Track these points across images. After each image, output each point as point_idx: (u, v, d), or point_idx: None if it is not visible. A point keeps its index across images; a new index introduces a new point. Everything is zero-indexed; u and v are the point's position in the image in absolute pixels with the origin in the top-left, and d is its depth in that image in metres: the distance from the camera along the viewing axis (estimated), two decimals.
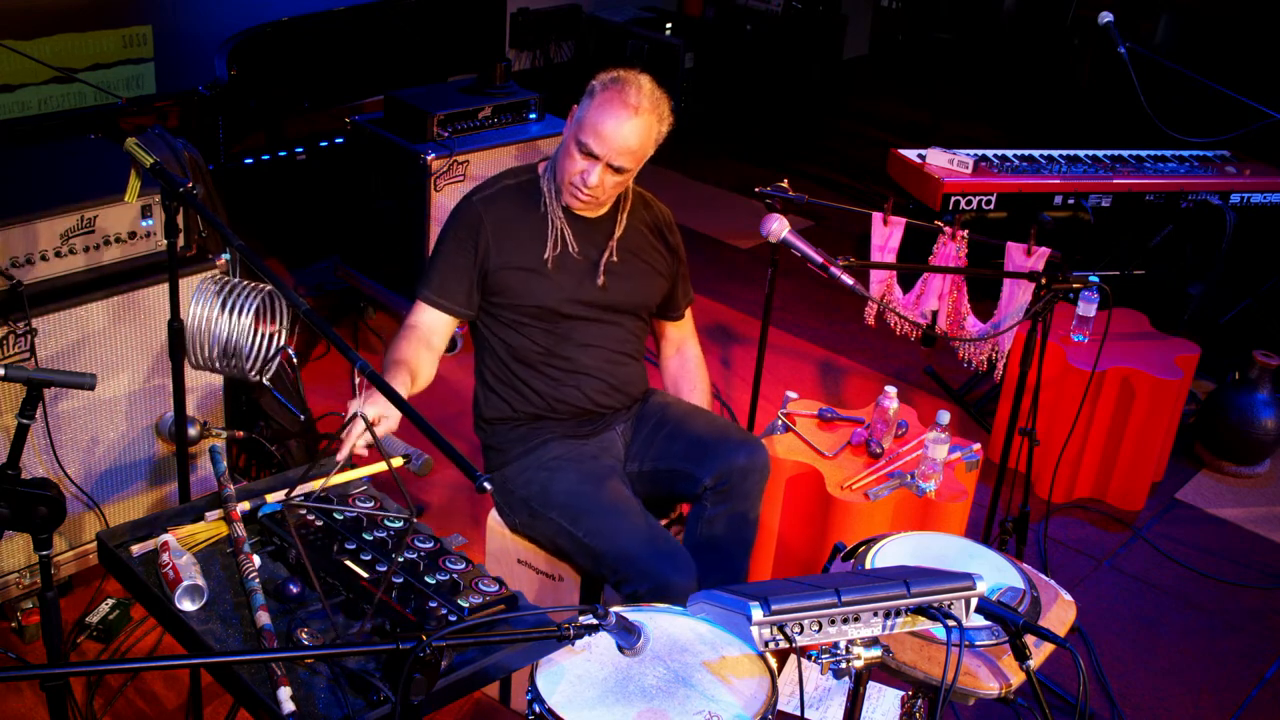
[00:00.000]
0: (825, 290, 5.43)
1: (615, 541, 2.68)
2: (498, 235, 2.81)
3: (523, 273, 2.81)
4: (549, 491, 2.79)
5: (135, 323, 3.12)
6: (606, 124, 2.69)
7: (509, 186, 2.87)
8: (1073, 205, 4.69)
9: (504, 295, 2.83)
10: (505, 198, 2.85)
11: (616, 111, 2.69)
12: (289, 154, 4.97)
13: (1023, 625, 2.09)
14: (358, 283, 4.84)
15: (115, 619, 3.23)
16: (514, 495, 2.86)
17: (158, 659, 1.89)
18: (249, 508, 2.42)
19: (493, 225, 2.81)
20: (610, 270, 2.87)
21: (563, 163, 2.78)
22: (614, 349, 2.91)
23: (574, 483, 2.79)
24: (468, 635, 1.91)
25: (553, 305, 2.82)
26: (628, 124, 2.69)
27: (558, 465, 2.82)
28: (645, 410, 3.00)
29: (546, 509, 2.79)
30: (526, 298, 2.82)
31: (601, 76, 2.77)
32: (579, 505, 2.75)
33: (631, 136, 2.70)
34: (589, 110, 2.72)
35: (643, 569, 2.61)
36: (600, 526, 2.71)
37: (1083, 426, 4.08)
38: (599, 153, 2.70)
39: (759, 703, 2.09)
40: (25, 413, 2.27)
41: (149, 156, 2.58)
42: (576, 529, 2.73)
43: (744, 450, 2.82)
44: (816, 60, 7.33)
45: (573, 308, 2.84)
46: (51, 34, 4.32)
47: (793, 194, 3.41)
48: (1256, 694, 3.46)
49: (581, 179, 2.74)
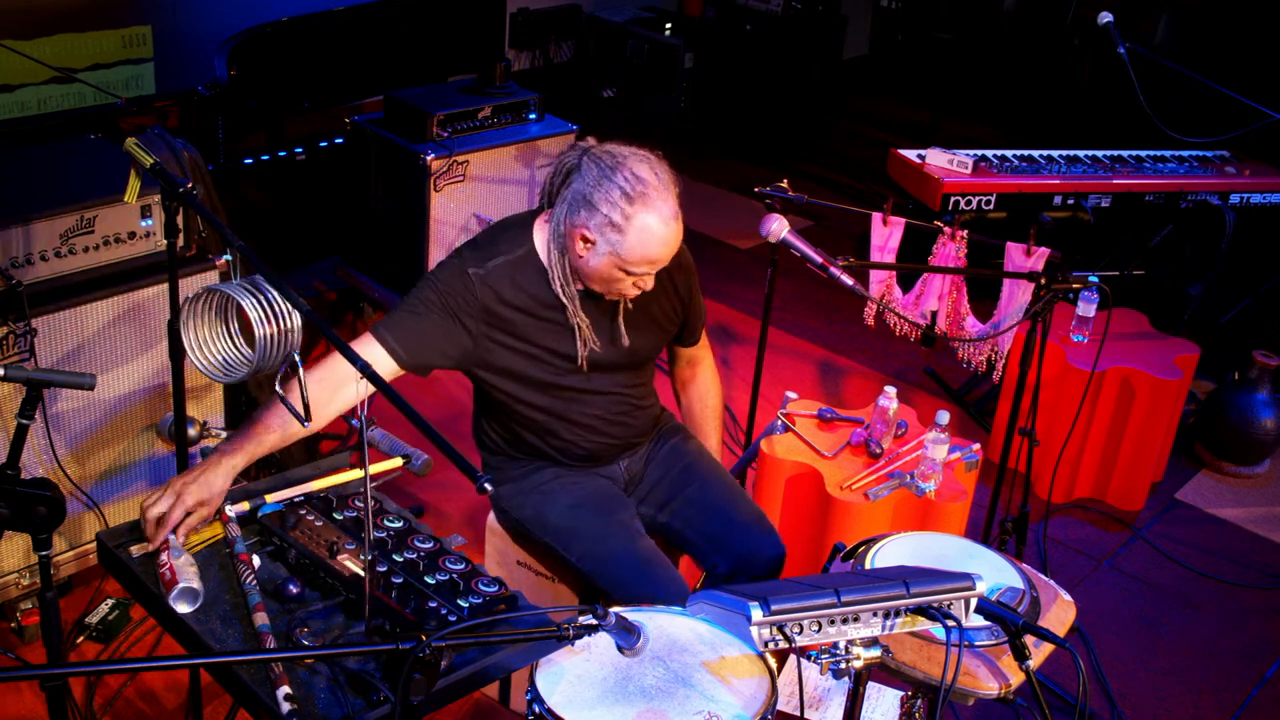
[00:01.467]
0: (825, 290, 5.42)
1: (607, 567, 2.65)
2: (492, 320, 2.58)
3: (520, 356, 2.62)
4: (543, 516, 2.75)
5: (135, 323, 3.12)
6: (656, 249, 2.47)
7: (508, 263, 2.58)
8: (1072, 205, 4.69)
9: (498, 373, 2.65)
10: (504, 275, 2.58)
11: (659, 232, 2.45)
12: (289, 154, 4.96)
13: (1022, 625, 2.09)
14: (358, 283, 4.84)
15: (115, 619, 3.23)
16: (509, 515, 2.83)
17: (157, 659, 1.90)
18: (248, 508, 2.42)
19: (487, 309, 2.57)
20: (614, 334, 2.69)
21: (596, 279, 2.53)
22: (621, 401, 2.76)
23: (567, 507, 2.73)
24: (468, 635, 1.91)
25: (541, 379, 2.65)
26: (675, 234, 2.49)
27: (551, 490, 2.76)
28: (664, 451, 2.88)
29: (541, 533, 2.76)
30: (511, 374, 2.64)
31: (608, 190, 2.44)
32: (571, 531, 2.71)
33: (679, 239, 2.52)
34: (628, 242, 2.45)
35: (635, 595, 2.57)
36: (592, 552, 2.67)
37: (1082, 426, 4.08)
38: (653, 269, 2.52)
39: (759, 703, 2.09)
40: (25, 413, 2.27)
41: (149, 156, 2.58)
42: (569, 554, 2.71)
43: (767, 546, 2.72)
44: (816, 60, 7.33)
45: (562, 379, 2.67)
46: (51, 34, 4.32)
47: (792, 194, 3.41)
48: (1256, 694, 3.46)
49: (636, 285, 2.54)
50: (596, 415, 2.73)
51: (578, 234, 2.50)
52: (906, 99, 8.16)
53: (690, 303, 2.86)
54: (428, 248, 4.48)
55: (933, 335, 4.15)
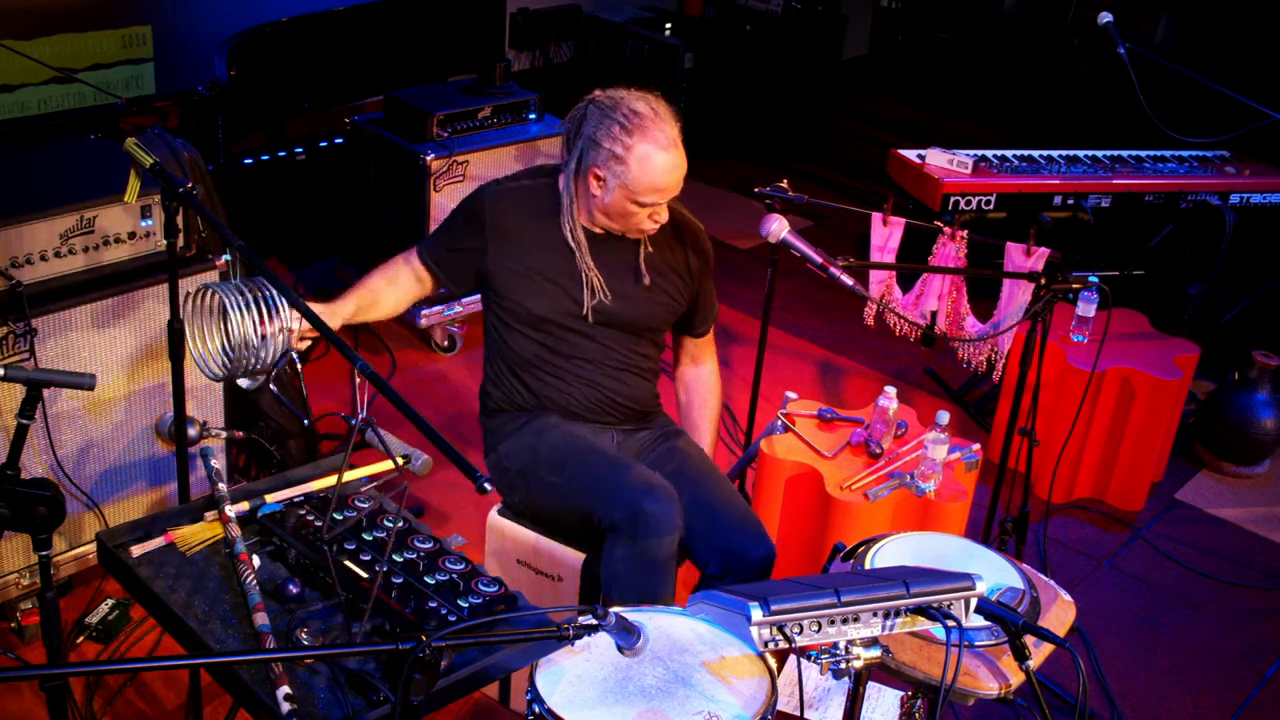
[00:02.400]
0: (825, 290, 5.42)
1: (596, 475, 2.73)
2: (495, 234, 2.79)
3: (515, 276, 2.79)
4: (537, 450, 2.82)
5: (135, 323, 3.12)
6: (660, 177, 2.65)
7: (523, 187, 2.84)
8: (1072, 205, 4.69)
9: (499, 294, 2.82)
10: (517, 197, 2.82)
11: (661, 160, 2.64)
12: (289, 154, 4.97)
13: (1022, 625, 2.09)
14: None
15: (115, 619, 3.23)
16: (509, 472, 2.88)
17: (157, 659, 1.90)
18: (248, 508, 2.42)
19: (493, 223, 2.79)
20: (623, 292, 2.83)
21: (615, 215, 2.73)
22: (621, 361, 2.88)
23: (561, 438, 2.82)
24: (468, 635, 1.91)
25: (542, 314, 2.80)
26: (676, 163, 2.66)
27: (544, 429, 2.85)
28: (660, 450, 2.94)
29: (536, 468, 2.81)
30: (516, 301, 2.80)
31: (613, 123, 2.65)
32: (564, 454, 2.79)
33: (681, 169, 2.68)
34: (631, 172, 2.64)
35: (620, 496, 2.65)
36: (583, 465, 2.76)
37: (1082, 426, 4.08)
38: (661, 198, 2.69)
39: (758, 703, 2.09)
40: (25, 413, 2.27)
41: (149, 156, 2.58)
42: (561, 477, 2.77)
43: (757, 546, 2.76)
44: (816, 60, 7.33)
45: (566, 320, 2.81)
46: (51, 34, 4.32)
47: (792, 194, 3.41)
48: (1256, 694, 3.46)
49: (652, 218, 2.72)
50: (595, 366, 2.85)
51: (591, 174, 2.69)
52: (906, 99, 8.16)
53: (701, 289, 2.98)
54: None
55: (933, 335, 4.15)
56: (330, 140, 5.13)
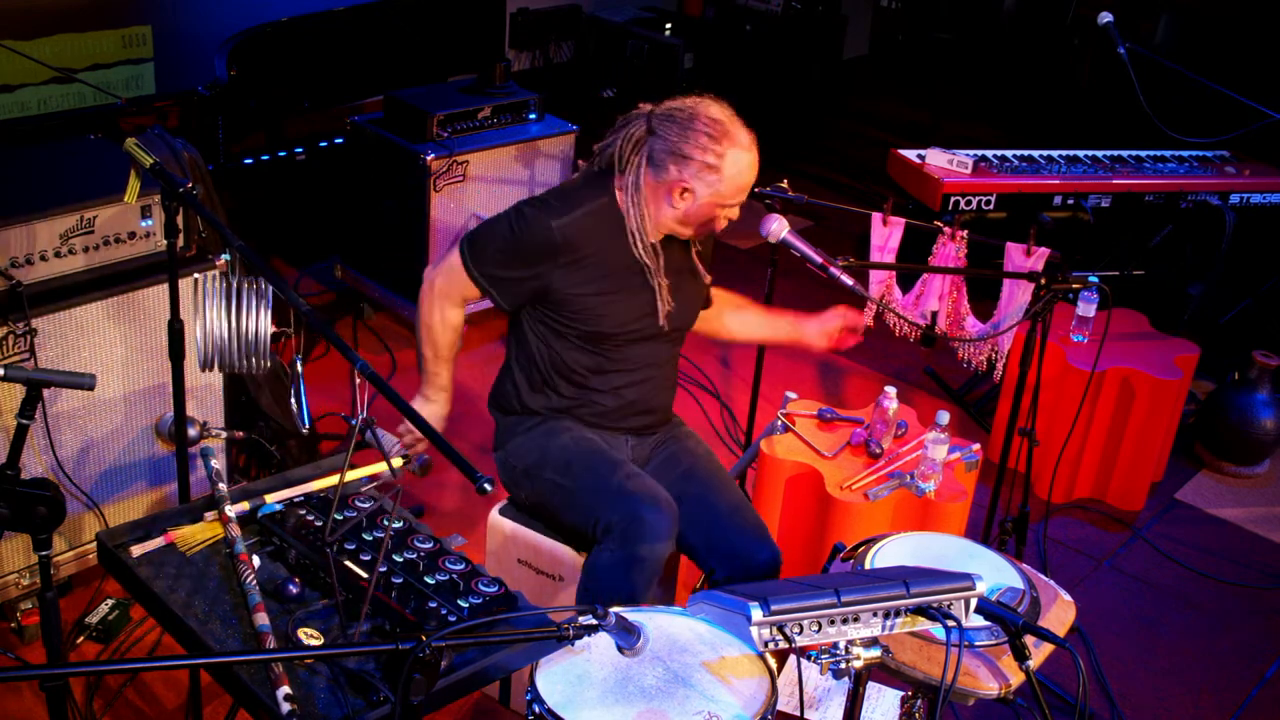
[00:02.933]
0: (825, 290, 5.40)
1: (600, 479, 2.73)
2: (570, 266, 2.71)
3: (585, 298, 2.73)
4: (546, 451, 2.83)
5: (135, 323, 3.12)
6: (750, 177, 2.71)
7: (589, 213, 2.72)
8: (1072, 205, 4.68)
9: (563, 313, 2.76)
10: (587, 225, 2.71)
11: (749, 161, 2.70)
12: (289, 154, 4.97)
13: (1022, 625, 2.09)
14: (358, 283, 4.84)
15: (115, 619, 3.23)
16: (516, 470, 2.88)
17: (157, 659, 1.90)
18: (248, 508, 2.42)
19: (567, 257, 2.70)
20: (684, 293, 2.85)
21: (694, 220, 2.72)
22: (654, 372, 2.88)
23: (571, 441, 2.83)
24: (468, 635, 1.91)
25: (610, 331, 2.77)
26: (757, 158, 2.73)
27: (555, 432, 2.85)
28: (668, 452, 2.95)
29: (542, 469, 2.82)
30: (585, 320, 2.76)
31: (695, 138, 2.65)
32: (570, 456, 2.79)
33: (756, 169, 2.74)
34: (725, 177, 2.66)
35: (620, 500, 2.66)
36: (589, 469, 2.76)
37: (1082, 426, 4.08)
38: (745, 198, 2.74)
39: (758, 703, 2.09)
40: (25, 413, 2.27)
41: (149, 156, 2.58)
42: (567, 479, 2.77)
43: (763, 552, 2.77)
44: (816, 60, 7.32)
45: (634, 333, 2.80)
46: (51, 34, 4.32)
47: (792, 194, 3.41)
48: (1256, 694, 3.46)
49: (728, 218, 2.75)
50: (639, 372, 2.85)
51: (676, 188, 2.67)
52: (906, 99, 8.16)
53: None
54: (428, 248, 4.48)
55: (933, 335, 4.15)
56: (330, 140, 5.14)
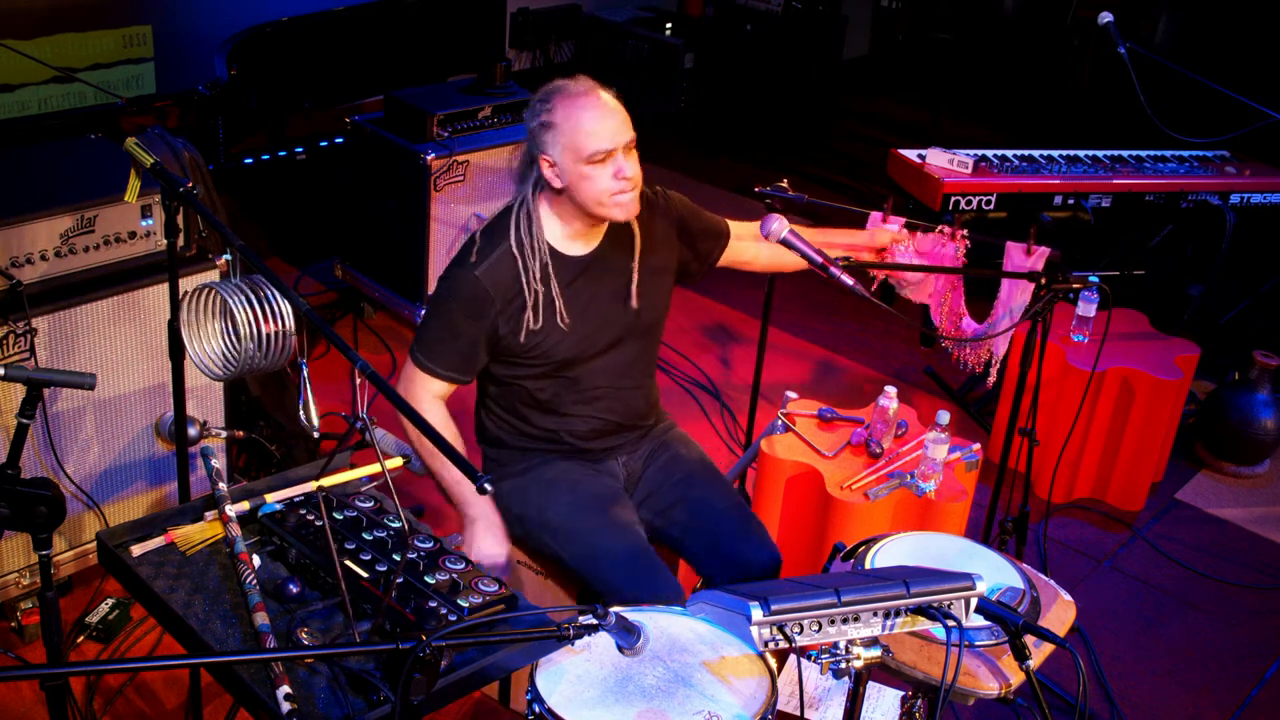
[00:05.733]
0: (825, 290, 5.42)
1: (599, 566, 2.67)
2: (505, 309, 2.66)
3: (540, 334, 2.69)
4: (544, 512, 2.77)
5: (135, 323, 3.12)
6: (594, 120, 2.55)
7: (504, 253, 2.66)
8: (1073, 205, 4.68)
9: (519, 356, 2.72)
10: (505, 265, 2.66)
11: (587, 103, 2.56)
12: (289, 154, 4.97)
13: (1022, 625, 2.09)
14: (358, 283, 4.84)
15: (115, 619, 3.23)
16: (510, 511, 2.83)
17: (157, 659, 1.90)
18: (248, 508, 2.42)
19: (500, 300, 2.65)
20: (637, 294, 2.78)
21: (584, 190, 2.59)
22: (624, 377, 2.82)
23: (567, 506, 2.76)
24: (468, 635, 1.91)
25: (570, 356, 2.73)
26: (605, 103, 2.57)
27: (553, 485, 2.79)
28: (664, 458, 2.92)
29: (540, 530, 2.77)
30: (544, 356, 2.72)
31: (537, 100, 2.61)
32: (569, 529, 2.73)
33: (615, 108, 2.59)
34: (568, 130, 2.56)
35: (627, 595, 2.59)
36: (587, 551, 2.70)
37: (1082, 426, 4.08)
38: (610, 145, 2.55)
39: (759, 703, 2.09)
40: (25, 413, 2.28)
41: (149, 156, 2.58)
42: (564, 552, 2.73)
43: (763, 556, 2.75)
44: (816, 60, 7.32)
45: (591, 350, 2.75)
46: (51, 34, 4.32)
47: (793, 194, 3.41)
48: (1256, 694, 3.46)
49: (620, 174, 2.57)
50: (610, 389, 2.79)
51: (544, 165, 2.60)
52: (906, 99, 8.16)
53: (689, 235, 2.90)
54: (428, 247, 4.48)
55: (932, 335, 4.15)
56: (330, 140, 5.14)
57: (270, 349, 2.56)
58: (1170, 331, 4.32)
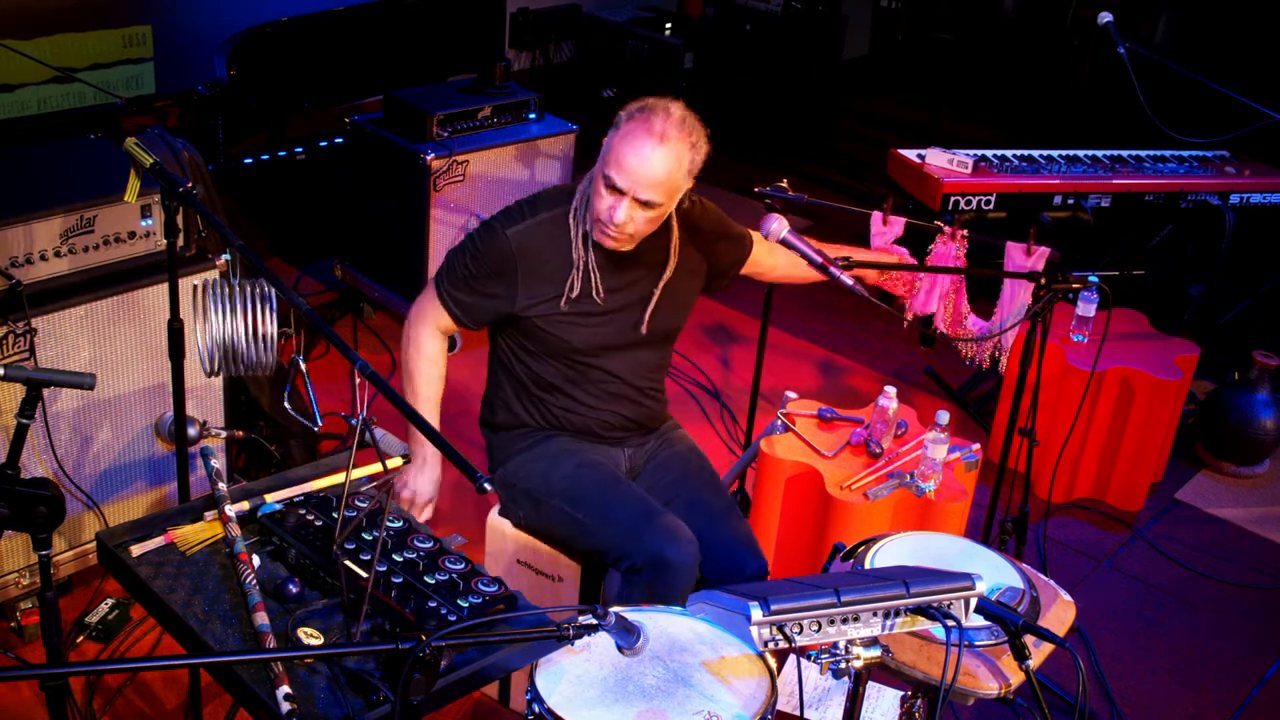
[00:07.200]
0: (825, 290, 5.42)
1: (614, 517, 2.69)
2: (528, 277, 2.69)
3: (553, 317, 2.72)
4: (550, 479, 2.80)
5: (135, 323, 3.12)
6: (630, 156, 2.53)
7: (545, 220, 2.70)
8: (1072, 205, 4.68)
9: (530, 335, 2.76)
10: (542, 233, 2.69)
11: (641, 141, 2.53)
12: (289, 154, 4.97)
13: (1022, 625, 2.09)
14: (358, 282, 4.84)
15: (115, 619, 3.23)
16: (516, 489, 2.85)
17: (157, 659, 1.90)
18: (248, 508, 2.42)
19: (525, 266, 2.68)
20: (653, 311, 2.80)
21: (593, 200, 2.63)
22: (637, 381, 2.85)
23: (573, 468, 2.79)
24: (467, 635, 1.91)
25: (580, 346, 2.76)
26: (654, 154, 2.53)
27: (558, 455, 2.83)
28: (663, 456, 2.94)
29: (549, 496, 2.79)
30: (554, 340, 2.74)
31: (629, 106, 2.61)
32: (579, 488, 2.76)
33: (658, 167, 2.54)
34: (614, 142, 2.57)
35: (640, 543, 2.62)
36: (600, 505, 2.72)
37: (1082, 426, 4.08)
38: (624, 186, 2.55)
39: (758, 703, 2.09)
40: (25, 413, 2.27)
41: (149, 156, 2.58)
42: (577, 511, 2.74)
43: (750, 563, 2.76)
44: (816, 60, 7.33)
45: (601, 349, 2.78)
46: (51, 34, 4.32)
47: (792, 194, 3.41)
48: (1256, 694, 3.46)
49: (609, 215, 2.59)
50: (623, 384, 2.82)
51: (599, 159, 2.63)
52: (906, 99, 8.16)
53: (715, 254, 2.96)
54: (428, 247, 4.49)
55: (933, 335, 4.15)
56: (330, 140, 5.14)
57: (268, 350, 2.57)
58: (1170, 331, 4.32)
